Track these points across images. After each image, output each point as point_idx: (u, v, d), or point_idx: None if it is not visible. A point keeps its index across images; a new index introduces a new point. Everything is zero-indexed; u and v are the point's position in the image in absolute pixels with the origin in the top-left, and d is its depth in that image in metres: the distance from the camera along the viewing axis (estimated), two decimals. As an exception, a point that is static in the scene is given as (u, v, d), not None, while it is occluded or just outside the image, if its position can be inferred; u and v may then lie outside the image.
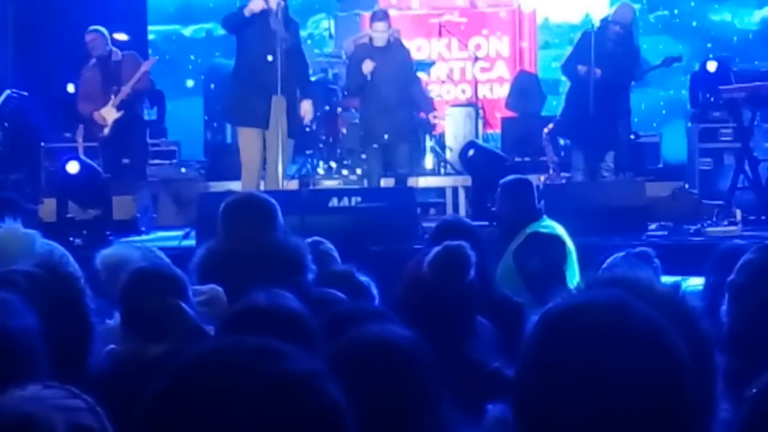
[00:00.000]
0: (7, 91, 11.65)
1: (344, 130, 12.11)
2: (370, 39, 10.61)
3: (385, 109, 10.31)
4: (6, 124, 11.46)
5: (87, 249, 6.07)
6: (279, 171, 9.77)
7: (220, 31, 14.91)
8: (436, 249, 3.83)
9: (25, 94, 11.88)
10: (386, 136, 10.36)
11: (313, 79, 12.64)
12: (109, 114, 10.80)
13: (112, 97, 10.81)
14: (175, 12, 15.24)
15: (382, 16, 10.69)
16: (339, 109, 12.28)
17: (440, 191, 12.23)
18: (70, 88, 12.21)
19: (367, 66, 10.28)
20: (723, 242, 5.30)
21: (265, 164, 9.88)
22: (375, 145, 10.57)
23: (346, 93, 11.90)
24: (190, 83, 14.85)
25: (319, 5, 15.04)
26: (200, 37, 15.30)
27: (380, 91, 10.34)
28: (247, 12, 9.64)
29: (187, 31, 15.34)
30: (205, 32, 15.34)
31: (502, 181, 6.87)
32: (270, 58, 9.52)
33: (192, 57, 15.31)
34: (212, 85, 13.74)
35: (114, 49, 11.05)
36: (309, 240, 5.08)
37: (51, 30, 13.14)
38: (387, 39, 10.45)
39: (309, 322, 2.93)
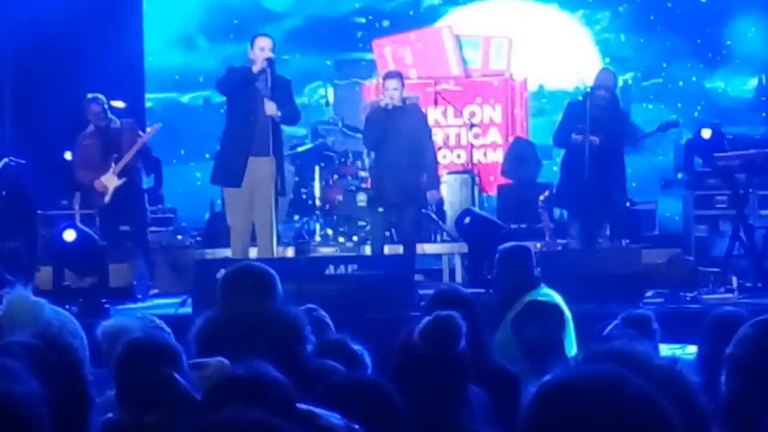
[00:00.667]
0: (5, 159, 11.70)
1: (340, 197, 12.14)
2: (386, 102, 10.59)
3: (395, 171, 10.25)
4: (3, 192, 11.50)
5: (83, 317, 6.07)
6: (273, 233, 9.78)
7: (218, 99, 15.05)
8: (427, 318, 3.85)
9: (23, 161, 11.93)
10: (394, 199, 10.30)
11: (309, 146, 12.73)
12: (110, 182, 10.79)
13: (113, 164, 10.80)
14: (173, 79, 15.33)
15: (394, 74, 10.72)
16: (335, 176, 12.32)
17: (437, 258, 12.24)
18: (68, 155, 12.26)
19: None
20: (714, 309, 5.30)
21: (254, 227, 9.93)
22: (380, 209, 10.53)
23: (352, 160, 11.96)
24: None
25: (317, 73, 15.15)
26: (198, 104, 15.39)
27: (391, 152, 10.30)
28: (255, 69, 9.72)
29: (185, 98, 15.43)
30: (203, 99, 15.43)
31: (500, 248, 6.85)
32: (268, 115, 9.60)
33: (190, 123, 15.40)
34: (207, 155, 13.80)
35: (112, 117, 11.08)
36: (303, 307, 5.08)
37: (48, 98, 13.21)
38: (402, 99, 10.44)
39: (290, 393, 2.94)
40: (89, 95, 11.03)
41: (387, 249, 10.73)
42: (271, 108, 9.67)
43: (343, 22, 15.37)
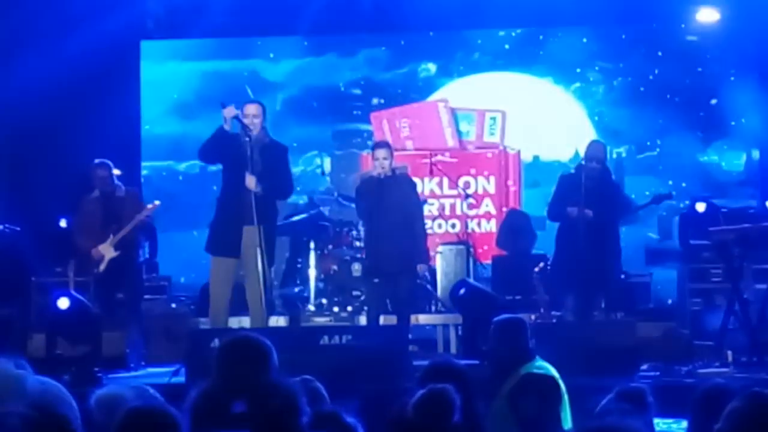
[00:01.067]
0: (0, 226, 11.71)
1: (335, 267, 12.14)
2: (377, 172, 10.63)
3: (388, 241, 10.24)
4: (-3, 259, 11.49)
5: (75, 386, 6.04)
6: (262, 302, 9.75)
7: (214, 167, 15.11)
8: (421, 392, 3.83)
9: (17, 228, 11.93)
10: (389, 268, 10.29)
11: (304, 215, 12.75)
12: (107, 252, 10.70)
13: (111, 235, 10.71)
14: (170, 148, 15.38)
15: (383, 144, 10.78)
16: (330, 246, 12.32)
17: (431, 329, 12.21)
18: (63, 223, 12.27)
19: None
20: (703, 382, 5.28)
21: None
22: (376, 280, 10.52)
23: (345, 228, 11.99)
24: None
25: (313, 143, 15.21)
26: (194, 172, 15.43)
27: (383, 222, 10.30)
28: (226, 126, 9.73)
29: (182, 166, 15.47)
30: (199, 167, 15.47)
31: (495, 319, 6.82)
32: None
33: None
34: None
35: (118, 183, 11.00)
36: (299, 378, 5.06)
37: (44, 165, 13.26)
38: (391, 170, 10.47)
39: None
40: (96, 160, 10.93)
41: (382, 319, 10.70)
42: (250, 182, 9.68)
43: (340, 93, 15.46)
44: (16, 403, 2.97)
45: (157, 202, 11.20)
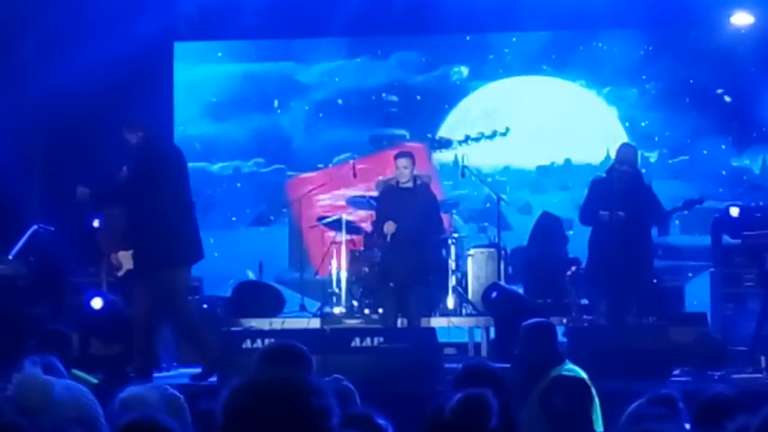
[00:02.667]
0: (34, 226, 11.77)
1: (366, 269, 12.14)
2: (397, 180, 10.72)
3: (403, 250, 10.34)
4: (32, 259, 11.55)
5: (109, 385, 6.08)
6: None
7: (247, 168, 15.17)
8: (458, 395, 3.82)
9: (52, 228, 11.98)
10: (400, 277, 10.38)
11: (335, 217, 12.76)
12: (126, 261, 10.68)
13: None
14: (203, 149, 15.44)
15: (404, 153, 10.83)
16: (362, 248, 12.33)
17: (462, 332, 12.21)
18: (96, 223, 12.31)
19: (389, 228, 10.41)
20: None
21: None
22: (391, 284, 10.59)
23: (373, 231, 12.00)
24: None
25: (346, 145, 15.23)
26: (228, 173, 15.49)
27: (399, 230, 10.39)
28: None
29: (215, 167, 15.53)
30: (233, 169, 15.54)
31: (524, 324, 6.83)
32: None
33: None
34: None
35: None
36: (329, 378, 5.06)
37: (78, 165, 13.31)
38: (412, 179, 10.52)
39: None
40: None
41: (400, 322, 10.77)
42: None
43: (373, 96, 15.47)
44: (42, 410, 2.99)
45: None
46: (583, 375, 6.48)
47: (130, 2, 13.74)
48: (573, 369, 6.49)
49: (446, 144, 14.95)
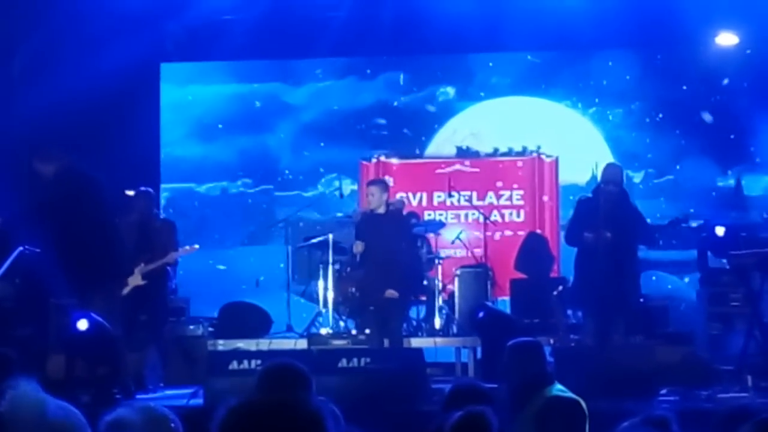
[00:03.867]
0: (20, 248, 11.72)
1: (353, 290, 12.14)
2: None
3: (377, 274, 10.56)
4: (17, 280, 11.50)
5: (94, 407, 6.05)
6: None
7: (234, 189, 15.15)
8: (458, 414, 3.81)
9: (37, 250, 11.94)
10: (377, 300, 10.57)
11: (321, 238, 12.77)
12: (134, 280, 10.74)
13: (142, 264, 10.75)
14: (190, 170, 15.44)
15: (376, 181, 11.07)
16: (348, 269, 12.33)
17: (449, 352, 12.20)
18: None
19: (357, 248, 10.61)
20: (725, 404, 5.24)
21: None
22: (371, 308, 10.77)
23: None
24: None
25: (333, 165, 15.24)
26: (215, 194, 15.48)
27: (373, 255, 10.61)
28: None
29: (202, 188, 15.53)
30: (220, 189, 15.53)
31: (509, 343, 6.79)
32: None
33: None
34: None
35: (156, 212, 11.04)
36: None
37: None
38: (385, 206, 10.73)
39: None
40: (142, 188, 11.05)
41: (386, 342, 10.82)
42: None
43: (360, 116, 15.50)
44: (35, 427, 2.96)
45: (196, 246, 11.27)
46: (573, 396, 6.46)
47: (116, 23, 13.73)
48: (564, 390, 6.46)
49: (474, 155, 14.96)
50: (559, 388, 6.42)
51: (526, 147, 14.58)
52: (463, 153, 14.66)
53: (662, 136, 15.04)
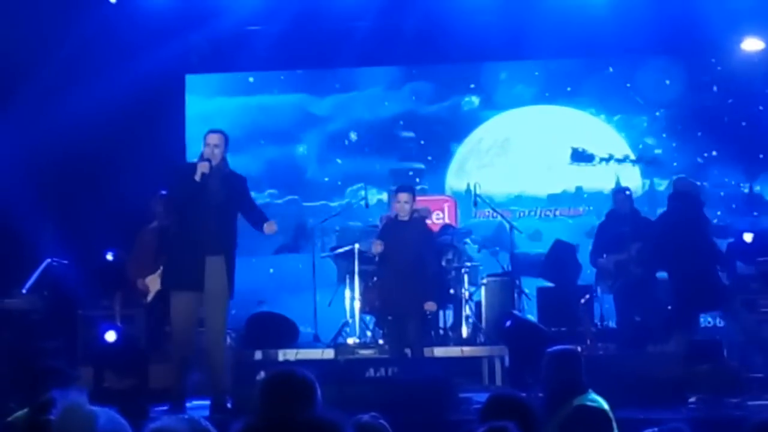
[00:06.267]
0: (47, 260, 11.79)
1: (378, 300, 12.13)
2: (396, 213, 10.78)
3: (398, 283, 10.42)
4: (45, 293, 11.56)
5: (124, 419, 6.05)
6: (222, 333, 9.61)
7: (261, 200, 15.16)
8: (481, 429, 3.80)
9: (65, 261, 12.01)
10: (397, 309, 10.47)
11: (348, 248, 12.76)
12: (154, 285, 10.75)
13: (162, 268, 10.77)
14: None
15: (405, 188, 10.92)
16: (374, 278, 12.33)
17: (476, 361, 12.17)
18: (109, 256, 12.33)
19: (376, 247, 10.48)
20: (754, 415, 5.22)
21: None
22: (390, 317, 10.68)
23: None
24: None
25: (359, 176, 15.25)
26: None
27: (395, 264, 10.49)
28: (198, 177, 9.40)
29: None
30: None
31: (549, 350, 6.76)
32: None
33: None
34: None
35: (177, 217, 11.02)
36: (368, 414, 5.00)
37: (90, 198, 13.35)
38: (410, 213, 10.61)
39: None
40: (162, 192, 11.04)
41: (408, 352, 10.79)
42: (271, 227, 9.69)
43: (385, 127, 15.51)
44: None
45: None
46: (605, 406, 6.44)
47: (141, 36, 13.81)
48: (596, 399, 6.44)
49: (589, 158, 14.98)
50: (591, 398, 6.40)
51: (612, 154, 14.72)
52: (579, 156, 14.78)
53: (688, 144, 15.00)
